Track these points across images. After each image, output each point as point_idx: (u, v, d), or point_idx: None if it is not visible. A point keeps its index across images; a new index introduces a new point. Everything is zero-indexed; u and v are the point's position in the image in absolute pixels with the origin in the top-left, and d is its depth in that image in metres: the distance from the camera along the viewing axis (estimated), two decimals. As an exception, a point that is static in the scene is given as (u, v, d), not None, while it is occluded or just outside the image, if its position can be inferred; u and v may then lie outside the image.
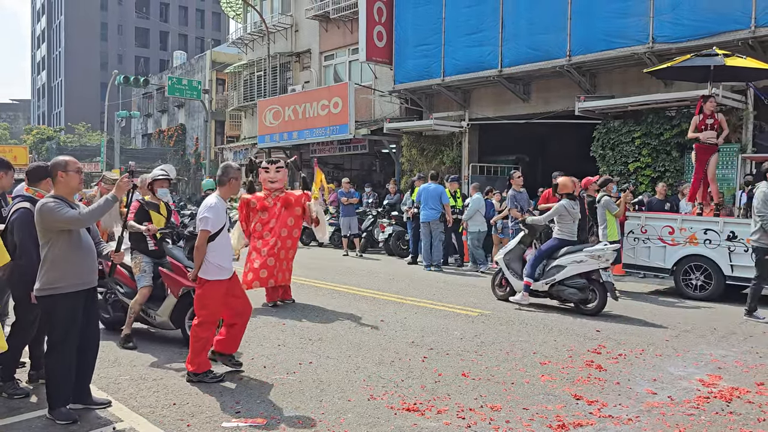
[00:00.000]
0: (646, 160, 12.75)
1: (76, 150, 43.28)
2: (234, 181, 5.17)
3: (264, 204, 8.16)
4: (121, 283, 6.45)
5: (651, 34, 12.11)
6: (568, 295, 7.95)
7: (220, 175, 5.17)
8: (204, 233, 4.94)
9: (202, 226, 4.95)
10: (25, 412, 4.34)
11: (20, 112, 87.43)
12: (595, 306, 7.85)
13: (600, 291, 7.81)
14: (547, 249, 8.30)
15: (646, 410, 4.45)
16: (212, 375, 5.04)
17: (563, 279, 7.95)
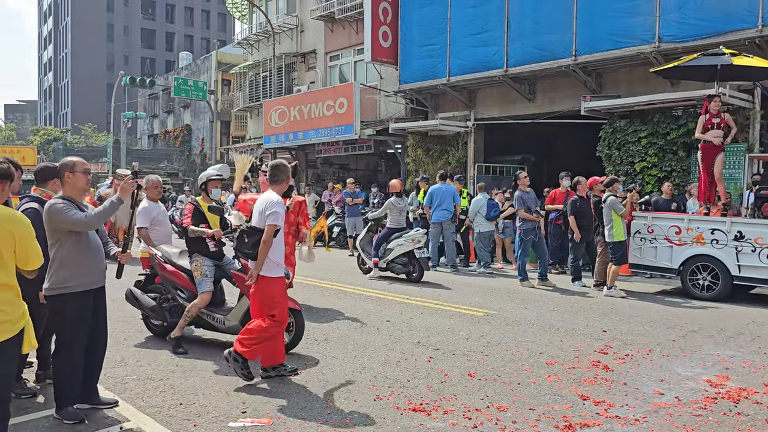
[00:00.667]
0: (652, 160, 12.70)
1: (82, 151, 43.42)
2: (288, 180, 5.24)
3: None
4: (182, 288, 6.22)
5: (657, 34, 12.06)
6: (398, 270, 10.57)
7: (274, 173, 5.16)
8: (272, 228, 4.90)
9: (272, 221, 4.89)
10: (32, 412, 4.36)
11: (27, 113, 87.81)
12: (417, 276, 10.39)
13: (418, 265, 10.37)
14: (382, 236, 10.78)
15: (654, 411, 4.43)
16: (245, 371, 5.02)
17: (393, 258, 10.50)
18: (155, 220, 6.85)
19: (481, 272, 11.67)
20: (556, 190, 11.69)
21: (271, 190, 5.16)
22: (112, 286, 4.74)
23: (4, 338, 3.21)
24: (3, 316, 3.21)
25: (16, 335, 3.28)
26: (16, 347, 3.32)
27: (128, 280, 6.12)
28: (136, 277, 6.73)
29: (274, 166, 5.25)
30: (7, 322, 3.23)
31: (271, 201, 4.99)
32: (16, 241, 3.23)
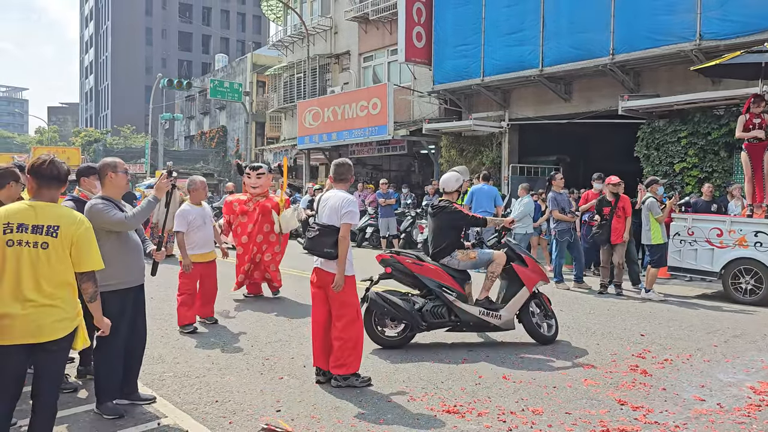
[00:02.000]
0: (692, 161, 12.41)
1: (121, 151, 44.42)
2: (352, 178, 5.25)
3: (244, 208, 8.55)
4: (448, 287, 6.10)
5: (698, 31, 11.77)
6: None
7: (341, 172, 5.12)
8: (348, 226, 4.89)
9: (349, 220, 4.89)
10: (73, 407, 4.47)
11: (69, 115, 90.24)
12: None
13: None
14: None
15: (694, 417, 4.32)
16: (362, 379, 4.96)
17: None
18: (193, 224, 6.81)
19: None
20: (589, 192, 11.50)
21: (337, 188, 5.13)
22: (148, 284, 4.81)
23: (62, 335, 3.30)
24: (62, 314, 3.29)
25: (71, 334, 3.36)
26: (69, 345, 3.40)
27: (162, 277, 6.23)
28: (169, 276, 6.88)
29: (338, 164, 5.17)
30: (66, 319, 3.31)
31: (347, 199, 4.95)
32: (73, 241, 3.30)
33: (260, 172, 8.64)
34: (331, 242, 4.84)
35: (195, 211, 6.90)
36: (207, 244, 6.99)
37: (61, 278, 3.28)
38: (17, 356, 3.25)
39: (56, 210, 3.34)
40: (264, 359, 5.72)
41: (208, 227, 7.01)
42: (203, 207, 7.09)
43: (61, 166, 3.43)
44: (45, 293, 3.23)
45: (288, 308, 8.08)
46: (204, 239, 6.95)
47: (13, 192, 4.49)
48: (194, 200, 7.01)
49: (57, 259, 3.26)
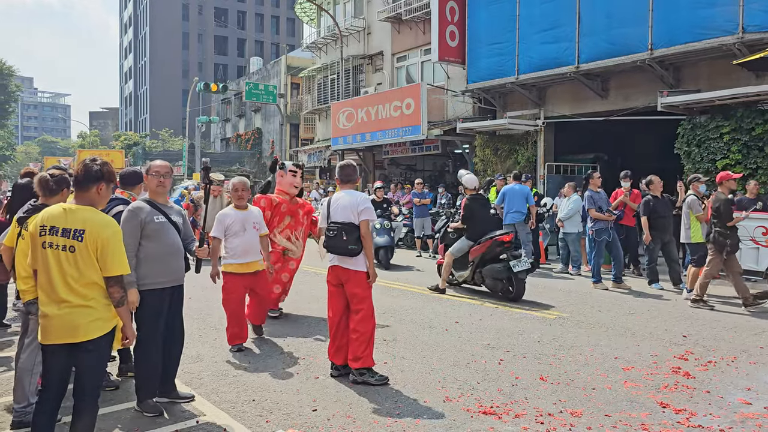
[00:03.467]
0: (735, 157, 12.05)
1: (160, 155, 45.29)
2: (358, 178, 5.46)
3: (293, 208, 7.65)
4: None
5: (741, 24, 11.42)
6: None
7: (348, 173, 5.32)
8: (368, 223, 5.08)
9: (367, 216, 5.09)
10: (115, 404, 4.56)
11: (109, 120, 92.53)
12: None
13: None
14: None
15: (740, 421, 4.19)
16: (378, 377, 5.05)
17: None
18: (230, 230, 6.10)
19: (575, 273, 11.41)
20: (618, 191, 11.28)
21: (344, 189, 5.31)
22: (187, 284, 4.88)
23: (99, 335, 3.34)
24: (97, 314, 3.33)
25: (109, 333, 3.41)
26: (107, 344, 3.44)
27: (201, 277, 6.32)
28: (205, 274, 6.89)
29: (343, 166, 5.36)
30: (101, 319, 3.35)
31: (362, 197, 5.17)
32: (98, 246, 3.30)
33: (303, 173, 7.95)
34: (353, 239, 5.02)
35: (235, 215, 6.17)
36: (248, 253, 6.14)
37: (91, 281, 3.32)
38: (58, 355, 3.33)
39: (85, 213, 3.34)
40: (300, 359, 5.76)
41: (249, 234, 6.17)
42: (248, 212, 6.30)
43: (90, 166, 3.41)
44: (78, 294, 3.28)
45: (323, 307, 8.11)
46: (244, 247, 6.12)
47: (65, 198, 4.61)
48: (237, 204, 6.29)
49: (84, 263, 3.29)
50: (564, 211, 11.56)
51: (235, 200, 6.31)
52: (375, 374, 5.05)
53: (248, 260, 6.16)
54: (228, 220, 6.14)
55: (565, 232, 11.58)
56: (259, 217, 6.39)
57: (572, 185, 11.89)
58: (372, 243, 5.10)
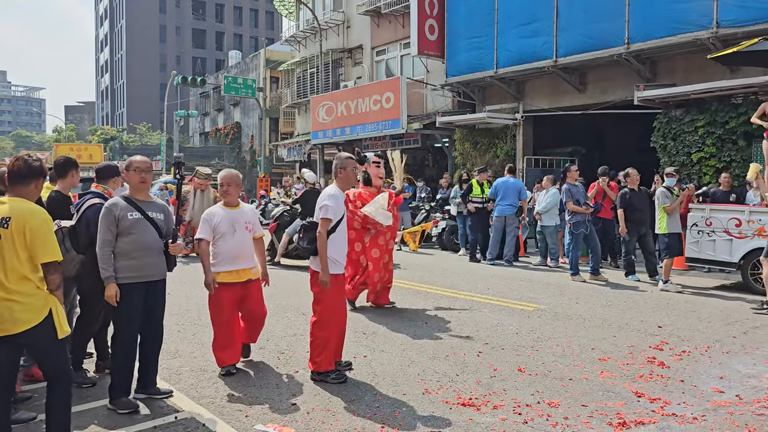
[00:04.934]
0: (710, 150, 12.24)
1: (137, 149, 44.80)
2: (343, 171, 5.06)
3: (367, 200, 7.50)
4: None
5: (715, 18, 11.59)
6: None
7: (336, 165, 5.08)
8: (325, 221, 4.81)
9: (323, 214, 4.81)
10: (92, 401, 4.52)
11: (85, 114, 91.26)
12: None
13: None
14: None
15: (713, 409, 4.28)
16: (334, 375, 4.89)
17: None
18: (217, 230, 5.08)
19: (553, 265, 11.53)
20: (594, 184, 11.42)
21: (334, 184, 5.13)
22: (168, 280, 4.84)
23: (27, 327, 3.32)
24: (17, 307, 3.31)
25: (42, 323, 3.38)
26: (45, 333, 3.41)
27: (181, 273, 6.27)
28: (189, 272, 6.83)
29: (336, 157, 5.19)
30: (26, 311, 3.33)
31: (324, 194, 4.93)
32: (26, 234, 3.30)
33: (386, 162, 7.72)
34: (309, 237, 4.86)
35: (222, 214, 5.13)
36: (239, 259, 5.12)
37: (16, 271, 3.30)
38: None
39: (13, 203, 3.36)
40: (279, 353, 5.75)
41: (240, 236, 5.13)
42: (239, 210, 5.23)
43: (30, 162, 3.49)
44: (2, 287, 3.28)
45: (303, 302, 8.10)
46: (233, 252, 5.09)
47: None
48: (225, 200, 5.26)
49: (8, 252, 3.27)
50: (542, 204, 11.67)
51: (222, 196, 5.26)
52: (331, 373, 4.90)
53: (238, 267, 5.11)
54: (215, 220, 5.10)
55: (543, 225, 11.69)
56: (253, 216, 5.35)
57: (550, 178, 12.01)
58: (324, 243, 4.76)
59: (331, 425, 4.06)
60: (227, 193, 5.19)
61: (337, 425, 4.05)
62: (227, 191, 5.19)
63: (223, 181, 5.20)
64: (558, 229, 11.59)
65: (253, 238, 5.28)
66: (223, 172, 5.32)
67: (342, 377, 4.90)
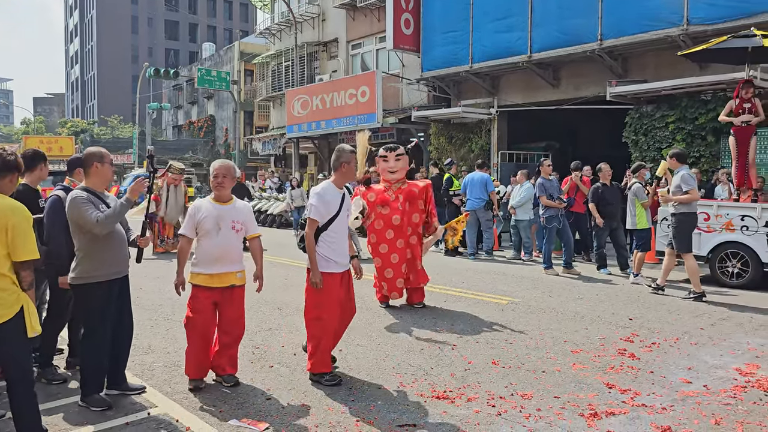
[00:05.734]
0: (680, 146, 12.43)
1: (109, 142, 44.13)
2: (346, 165, 4.77)
3: (384, 197, 7.23)
4: None
5: (685, 16, 11.79)
6: None
7: (333, 159, 4.83)
8: (311, 222, 4.62)
9: (308, 214, 4.66)
10: (63, 398, 4.45)
11: (55, 106, 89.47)
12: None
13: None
14: None
15: (681, 399, 4.37)
16: (327, 377, 4.73)
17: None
18: (201, 227, 4.55)
19: (527, 259, 11.63)
20: (567, 178, 11.56)
21: (330, 180, 4.86)
22: (133, 275, 4.78)
23: None
24: None
25: (12, 319, 3.34)
26: (15, 331, 3.37)
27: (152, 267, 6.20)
28: (159, 266, 6.75)
29: (335, 150, 4.88)
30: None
31: (312, 192, 4.73)
32: (7, 231, 3.27)
33: (399, 153, 7.29)
34: (301, 236, 4.77)
35: (209, 210, 4.58)
36: (221, 261, 4.57)
37: None
38: None
39: None
40: (254, 348, 5.72)
41: (225, 235, 4.56)
42: (230, 207, 4.66)
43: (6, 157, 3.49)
44: None
45: (278, 297, 8.07)
46: (215, 252, 4.55)
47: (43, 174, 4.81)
48: (217, 194, 4.67)
49: None
50: (516, 199, 11.77)
51: (214, 189, 4.66)
52: (326, 375, 4.75)
53: (219, 270, 4.57)
54: (199, 215, 4.56)
55: (517, 219, 11.80)
56: (246, 214, 4.75)
57: (525, 173, 12.11)
58: (311, 244, 4.63)
59: (305, 419, 4.05)
60: (222, 186, 4.59)
61: (311, 419, 4.05)
62: (222, 183, 4.58)
63: (218, 172, 4.60)
64: (532, 223, 11.70)
65: (246, 238, 4.75)
66: (217, 163, 4.75)
67: (335, 380, 4.72)
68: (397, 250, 7.24)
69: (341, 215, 4.76)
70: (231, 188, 4.68)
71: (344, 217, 4.82)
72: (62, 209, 4.41)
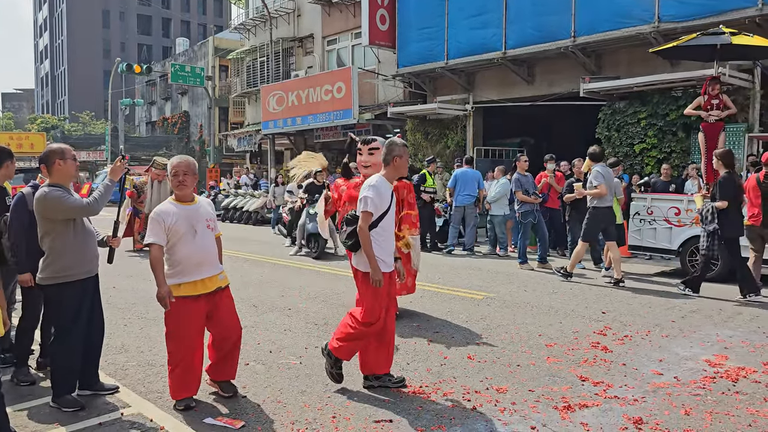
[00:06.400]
0: (652, 141, 12.66)
1: (80, 139, 43.35)
2: (399, 159, 4.47)
3: (353, 194, 6.36)
4: None
5: (657, 14, 11.97)
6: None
7: (385, 153, 4.51)
8: (366, 215, 4.32)
9: (362, 207, 4.33)
10: (33, 399, 4.38)
11: (24, 102, 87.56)
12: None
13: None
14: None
15: (652, 391, 4.45)
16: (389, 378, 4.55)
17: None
18: (174, 233, 4.11)
19: (502, 254, 11.71)
20: (542, 174, 11.68)
21: (381, 173, 4.54)
22: (106, 274, 4.72)
23: None
24: None
25: None
26: None
27: (124, 266, 6.12)
28: (133, 264, 6.67)
29: (386, 144, 4.61)
30: None
31: (366, 184, 4.44)
32: None
33: (373, 147, 6.39)
34: (349, 231, 4.41)
35: (177, 212, 4.18)
36: (202, 265, 4.21)
37: None
38: None
39: None
40: (230, 346, 5.67)
41: (202, 237, 4.22)
42: (196, 205, 4.32)
43: None
44: None
45: (253, 294, 8.03)
46: (197, 257, 4.18)
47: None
48: (178, 194, 4.28)
49: None
50: (491, 194, 11.85)
51: (176, 188, 4.27)
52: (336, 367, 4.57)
53: (204, 276, 4.21)
54: (169, 220, 4.11)
55: (492, 214, 11.88)
56: (213, 211, 4.49)
57: (502, 169, 12.20)
58: (367, 239, 4.30)
59: (281, 416, 4.04)
60: (183, 185, 4.20)
61: (287, 416, 4.04)
62: (183, 182, 4.20)
63: (178, 169, 4.20)
64: (507, 218, 11.79)
65: (215, 236, 4.42)
66: (176, 159, 4.31)
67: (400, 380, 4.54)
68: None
69: (391, 211, 4.49)
70: (193, 186, 4.31)
71: (393, 214, 4.55)
72: (25, 206, 4.35)
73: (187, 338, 4.17)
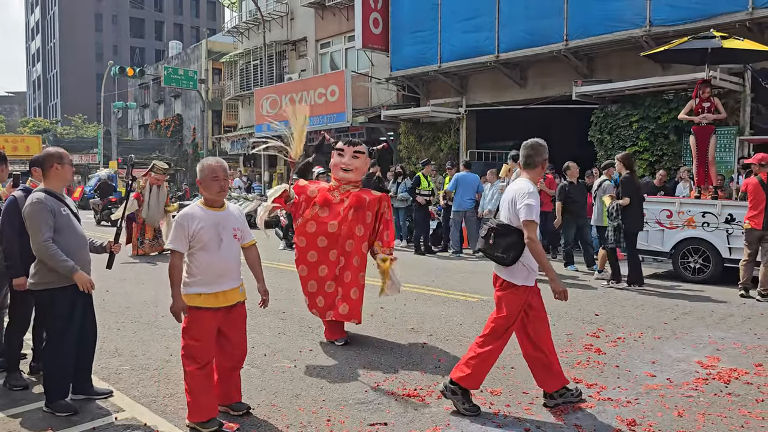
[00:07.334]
0: (644, 144, 12.73)
1: (73, 142, 43.18)
2: (546, 163, 4.22)
3: (327, 197, 5.78)
4: None
5: (648, 17, 12.05)
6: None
7: (527, 155, 4.17)
8: (532, 225, 3.95)
9: (526, 216, 3.93)
10: (26, 404, 4.35)
11: (16, 105, 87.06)
12: None
13: None
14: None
15: (645, 392, 4.47)
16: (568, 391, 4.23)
17: None
18: (198, 239, 3.82)
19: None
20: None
21: (525, 176, 4.19)
22: (99, 278, 4.71)
23: None
24: None
25: None
26: None
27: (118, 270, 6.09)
28: (127, 269, 6.65)
29: (524, 146, 4.24)
30: None
31: (523, 191, 4.01)
32: None
33: (358, 150, 5.86)
34: (505, 244, 3.99)
35: (206, 217, 3.88)
36: (224, 277, 3.93)
37: None
38: None
39: None
40: (223, 350, 5.66)
41: (227, 246, 3.93)
42: (226, 212, 4.01)
43: None
44: None
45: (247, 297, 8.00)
46: (220, 267, 3.90)
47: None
48: (209, 198, 3.94)
49: None
50: (492, 201, 11.85)
51: (217, 194, 3.93)
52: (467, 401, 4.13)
53: (225, 288, 3.93)
54: (195, 225, 3.81)
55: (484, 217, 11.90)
56: (242, 219, 4.12)
57: (494, 172, 12.24)
58: (540, 250, 3.98)
59: (276, 420, 4.04)
60: (225, 191, 3.94)
61: (282, 420, 4.04)
62: (224, 188, 3.93)
63: (219, 173, 3.87)
64: None
65: (242, 246, 4.13)
66: (212, 161, 3.95)
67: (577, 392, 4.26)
68: (327, 262, 5.69)
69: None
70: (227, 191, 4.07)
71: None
72: (16, 210, 4.33)
73: (203, 349, 3.85)
